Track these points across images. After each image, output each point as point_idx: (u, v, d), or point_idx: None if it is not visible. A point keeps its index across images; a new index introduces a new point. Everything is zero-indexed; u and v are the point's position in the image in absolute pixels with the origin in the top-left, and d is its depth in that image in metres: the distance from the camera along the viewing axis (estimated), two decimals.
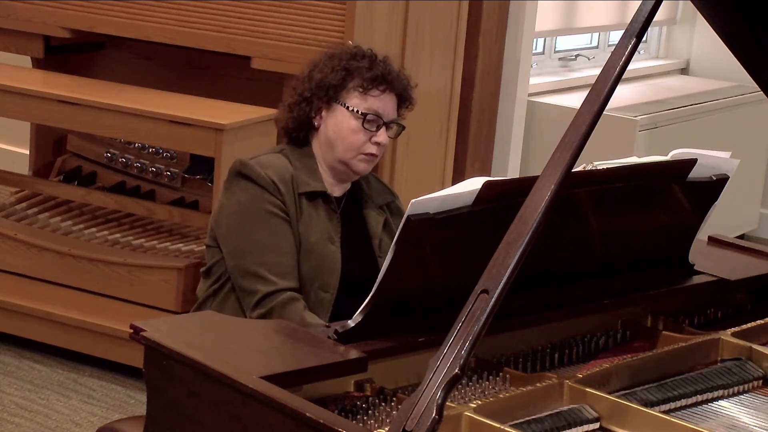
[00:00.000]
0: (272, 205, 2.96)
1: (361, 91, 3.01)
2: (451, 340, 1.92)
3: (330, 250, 2.98)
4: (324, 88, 3.01)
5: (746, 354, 2.55)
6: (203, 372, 2.20)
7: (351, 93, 3.01)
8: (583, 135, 2.11)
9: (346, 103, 3.00)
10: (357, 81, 3.01)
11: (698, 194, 2.76)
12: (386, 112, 3.03)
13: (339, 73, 3.02)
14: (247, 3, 4.39)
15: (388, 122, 3.03)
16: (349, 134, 2.99)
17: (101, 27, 4.65)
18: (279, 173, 2.98)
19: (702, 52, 6.54)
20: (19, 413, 4.07)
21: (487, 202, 2.38)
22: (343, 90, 3.01)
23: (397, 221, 3.10)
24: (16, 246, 4.45)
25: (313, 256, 2.97)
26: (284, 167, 3.01)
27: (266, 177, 2.96)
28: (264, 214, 2.95)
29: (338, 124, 3.01)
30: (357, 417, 2.23)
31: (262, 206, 2.95)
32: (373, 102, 3.01)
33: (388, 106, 3.04)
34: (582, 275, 2.65)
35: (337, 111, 3.01)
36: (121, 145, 4.98)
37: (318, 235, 2.98)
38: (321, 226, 3.00)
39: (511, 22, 5.16)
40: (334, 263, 2.98)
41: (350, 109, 2.99)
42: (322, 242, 2.98)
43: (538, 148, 5.47)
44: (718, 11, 2.33)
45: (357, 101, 3.00)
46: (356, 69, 3.02)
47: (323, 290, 2.96)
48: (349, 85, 3.01)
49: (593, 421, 2.26)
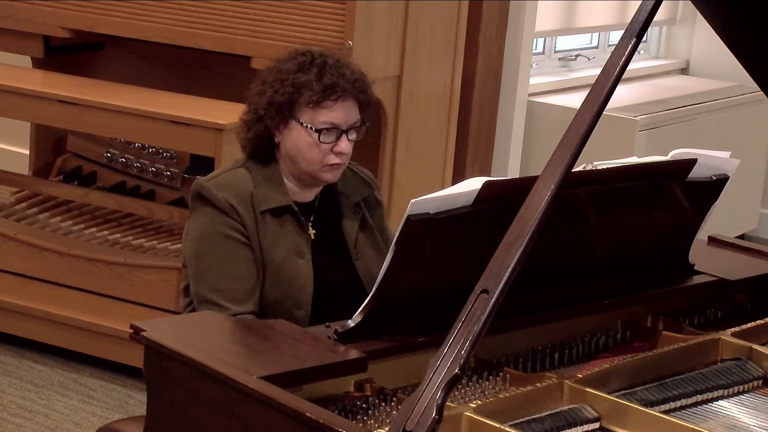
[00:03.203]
0: (230, 228, 2.87)
1: (312, 105, 2.87)
2: (451, 340, 1.92)
3: (299, 266, 2.89)
4: (275, 107, 2.89)
5: (746, 354, 2.55)
6: (203, 372, 2.20)
7: (303, 108, 2.88)
8: (583, 135, 2.12)
9: (299, 119, 2.88)
10: (307, 96, 2.87)
11: (698, 194, 2.76)
12: (343, 120, 2.90)
13: (287, 90, 2.89)
14: (247, 3, 4.39)
15: (347, 129, 2.90)
16: (308, 150, 2.88)
17: (101, 27, 4.65)
18: (237, 193, 2.89)
19: (702, 52, 6.54)
20: (19, 413, 4.07)
21: (487, 202, 2.37)
22: (295, 106, 2.88)
23: (376, 214, 3.05)
24: (16, 246, 4.46)
25: (281, 276, 2.87)
26: (243, 185, 2.91)
27: (223, 200, 2.86)
28: (221, 238, 2.86)
29: (296, 140, 2.89)
30: (357, 417, 2.23)
31: (219, 230, 2.87)
32: (326, 114, 2.88)
33: (344, 113, 2.90)
34: (582, 275, 2.65)
35: (293, 127, 2.89)
36: (121, 145, 4.98)
37: (285, 252, 2.89)
38: (288, 242, 2.90)
39: (511, 22, 5.16)
40: (305, 279, 2.89)
41: (304, 125, 2.87)
42: (289, 259, 2.89)
43: (538, 148, 5.47)
44: (718, 11, 2.33)
45: (309, 116, 2.87)
46: (304, 84, 2.88)
47: (297, 308, 2.86)
48: (299, 100, 2.88)
49: (593, 421, 2.26)
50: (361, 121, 2.93)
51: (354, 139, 2.91)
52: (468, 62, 4.95)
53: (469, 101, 5.00)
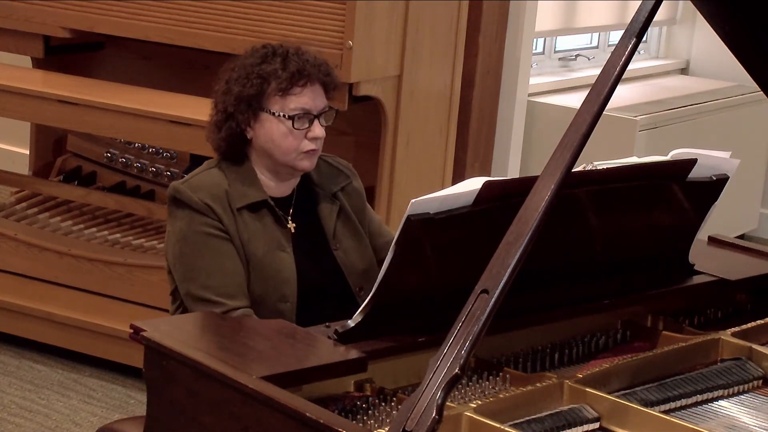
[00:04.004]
0: (209, 226, 2.88)
1: (281, 93, 2.90)
2: (451, 340, 1.92)
3: (281, 259, 2.90)
4: (244, 101, 2.92)
5: (746, 354, 2.55)
6: (203, 372, 2.20)
7: (272, 98, 2.91)
8: (583, 135, 2.12)
9: (270, 110, 2.91)
10: (274, 85, 2.91)
11: (698, 194, 2.76)
12: (313, 104, 2.93)
13: (254, 82, 2.92)
14: (247, 3, 4.39)
15: (318, 114, 2.93)
16: (282, 139, 2.90)
17: (101, 27, 4.65)
18: (211, 192, 2.91)
19: (702, 52, 6.54)
20: (19, 413, 4.07)
21: (487, 202, 2.37)
22: (264, 97, 2.91)
23: (355, 203, 3.06)
24: (16, 246, 4.46)
25: (264, 270, 2.89)
26: (217, 184, 2.93)
27: (198, 201, 2.88)
28: (203, 237, 2.88)
29: (269, 131, 2.91)
30: (357, 417, 2.23)
31: (200, 230, 2.89)
32: (296, 100, 2.91)
33: (313, 98, 2.94)
34: (582, 275, 2.65)
35: (265, 119, 2.91)
36: (121, 145, 4.98)
37: (266, 247, 2.90)
38: (268, 237, 2.91)
39: (511, 22, 5.16)
40: (288, 272, 2.90)
41: (276, 114, 2.90)
42: (270, 253, 2.90)
43: (538, 148, 5.47)
44: (718, 11, 2.33)
45: (280, 105, 2.91)
46: (270, 73, 2.92)
47: (282, 301, 2.88)
48: (267, 90, 2.91)
49: (593, 421, 2.26)
50: (330, 109, 2.96)
51: (325, 125, 2.94)
52: (468, 62, 4.95)
53: (469, 101, 5.00)
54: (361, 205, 3.07)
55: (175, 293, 3.01)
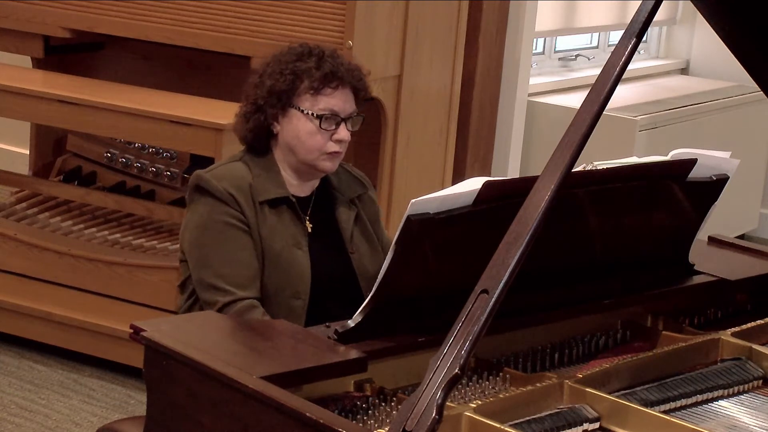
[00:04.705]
0: (231, 216, 2.91)
1: (312, 92, 2.94)
2: (451, 340, 1.92)
3: (297, 256, 2.93)
4: (275, 95, 2.95)
5: (746, 354, 2.55)
6: (203, 372, 2.20)
7: (303, 96, 2.94)
8: (583, 135, 2.12)
9: (299, 107, 2.94)
10: (307, 83, 2.94)
11: (698, 194, 2.76)
12: (342, 107, 2.96)
13: (287, 78, 2.95)
14: (247, 3, 4.39)
15: (345, 117, 2.96)
16: (308, 137, 2.93)
17: (101, 27, 4.65)
18: (236, 184, 2.93)
19: (702, 52, 6.54)
20: (19, 413, 4.07)
21: (487, 202, 2.38)
22: (295, 94, 2.95)
23: (370, 212, 3.09)
24: (16, 246, 4.45)
25: (280, 265, 2.91)
26: (241, 176, 2.96)
27: (223, 190, 2.91)
28: (223, 227, 2.91)
29: (295, 128, 2.95)
30: (357, 417, 2.23)
31: (220, 219, 2.91)
32: (326, 101, 2.94)
33: (343, 101, 2.97)
34: (582, 275, 2.65)
35: (293, 115, 2.95)
36: (121, 145, 4.97)
37: (283, 242, 2.93)
38: (286, 233, 2.94)
39: (511, 22, 5.16)
40: (302, 269, 2.93)
41: (305, 112, 2.93)
42: (287, 249, 2.92)
43: (538, 148, 5.47)
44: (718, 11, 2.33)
45: (310, 103, 2.94)
46: (304, 71, 2.95)
47: (295, 298, 2.90)
48: (299, 87, 2.94)
49: (593, 421, 2.26)
50: (358, 115, 2.98)
51: (351, 129, 2.96)
52: (468, 62, 4.95)
53: (469, 101, 5.00)
54: (376, 215, 3.11)
55: (185, 284, 3.02)
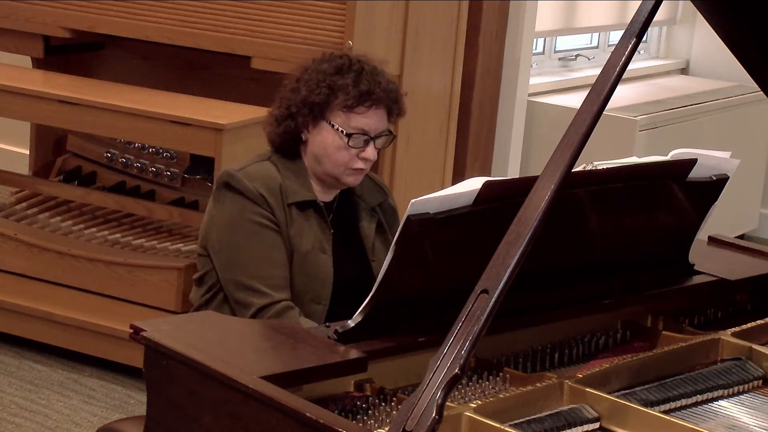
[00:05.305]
0: (262, 216, 2.91)
1: (345, 109, 2.93)
2: (451, 340, 1.92)
3: (322, 260, 2.94)
4: (308, 106, 2.94)
5: (746, 354, 2.55)
6: (203, 372, 2.20)
7: (335, 111, 2.93)
8: (583, 135, 2.11)
9: (331, 121, 2.93)
10: (341, 99, 2.93)
11: (698, 194, 2.76)
12: (373, 127, 2.96)
13: (323, 91, 2.94)
14: (247, 3, 4.39)
15: (375, 136, 2.96)
16: (335, 152, 2.93)
17: (101, 27, 4.65)
18: (267, 184, 2.94)
19: (702, 52, 6.54)
20: (19, 413, 4.07)
21: (487, 202, 2.37)
22: (328, 108, 2.94)
23: (390, 220, 3.10)
24: (16, 246, 4.45)
25: (305, 267, 2.92)
26: (272, 177, 2.96)
27: (254, 190, 2.91)
28: (255, 227, 2.91)
29: (324, 140, 2.94)
30: (357, 417, 2.23)
31: (252, 218, 2.91)
32: (358, 120, 2.93)
33: (374, 121, 2.96)
34: (582, 275, 2.65)
35: (323, 128, 2.94)
36: (121, 145, 4.98)
37: (309, 245, 2.93)
38: (312, 236, 2.95)
39: (511, 22, 5.16)
40: (325, 274, 2.94)
41: (335, 127, 2.93)
42: (314, 252, 2.93)
43: (538, 148, 5.47)
44: (718, 11, 2.33)
45: (342, 119, 2.93)
46: (340, 87, 2.93)
47: (315, 302, 2.90)
48: (333, 102, 2.93)
49: (593, 421, 2.26)
50: (389, 130, 2.97)
51: (380, 148, 2.97)
52: (468, 62, 4.95)
53: (469, 101, 5.00)
54: (395, 223, 3.10)
55: (203, 278, 3.01)
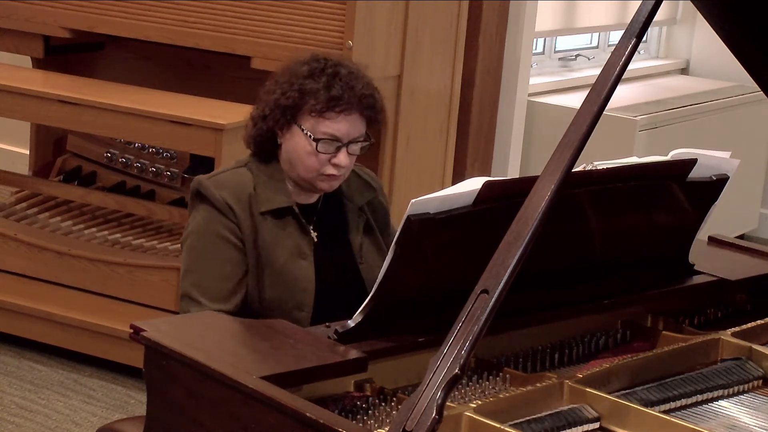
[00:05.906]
0: (225, 228, 2.84)
1: (315, 114, 2.85)
2: (451, 340, 1.92)
3: (300, 267, 2.87)
4: (280, 109, 2.88)
5: (746, 354, 2.55)
6: (203, 372, 2.20)
7: (305, 116, 2.86)
8: (583, 135, 2.12)
9: (301, 126, 2.86)
10: (311, 103, 2.85)
11: (698, 194, 2.76)
12: (345, 133, 2.86)
13: (293, 95, 2.87)
14: (247, 3, 4.39)
15: (347, 142, 2.87)
16: (306, 157, 2.86)
17: (101, 27, 4.65)
18: (235, 193, 2.87)
19: (702, 52, 6.54)
20: (19, 413, 4.07)
21: (487, 202, 2.37)
22: (299, 111, 2.86)
23: (379, 218, 3.05)
24: (16, 246, 4.46)
25: (283, 277, 2.86)
26: (243, 185, 2.90)
27: (221, 199, 2.85)
28: (215, 239, 2.85)
29: (295, 145, 2.87)
30: (357, 417, 2.23)
31: (214, 229, 2.85)
32: (328, 125, 2.85)
33: (346, 126, 2.87)
34: (582, 275, 2.65)
35: (295, 132, 2.87)
36: (121, 145, 4.98)
37: (286, 254, 2.87)
38: (290, 243, 2.88)
39: (511, 22, 5.16)
40: (306, 280, 2.87)
41: (305, 132, 2.86)
42: (291, 261, 2.86)
43: (538, 148, 5.47)
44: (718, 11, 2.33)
45: (311, 124, 2.85)
46: (310, 91, 2.85)
47: (298, 310, 2.85)
48: (304, 107, 2.86)
49: (593, 421, 2.26)
50: (366, 135, 2.91)
51: (355, 153, 2.89)
52: (468, 62, 4.95)
53: (469, 101, 5.00)
54: (385, 221, 3.05)
55: None
